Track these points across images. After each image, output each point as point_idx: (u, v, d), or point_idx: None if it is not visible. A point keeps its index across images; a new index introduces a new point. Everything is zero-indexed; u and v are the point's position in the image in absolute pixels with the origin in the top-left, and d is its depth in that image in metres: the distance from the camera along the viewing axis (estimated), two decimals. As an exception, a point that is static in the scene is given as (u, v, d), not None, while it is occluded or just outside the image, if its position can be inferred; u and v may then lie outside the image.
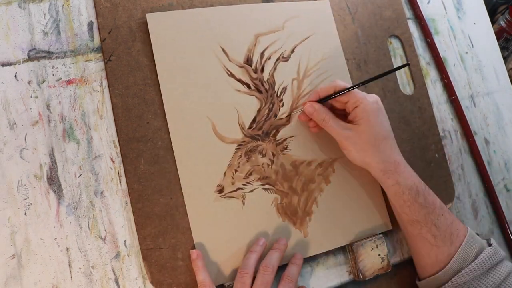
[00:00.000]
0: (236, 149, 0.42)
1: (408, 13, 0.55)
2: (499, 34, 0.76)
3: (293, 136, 0.44)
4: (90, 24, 0.41)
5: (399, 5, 0.53)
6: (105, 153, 0.39)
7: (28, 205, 0.36)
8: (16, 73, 0.38)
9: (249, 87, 0.43)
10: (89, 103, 0.40)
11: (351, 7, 0.50)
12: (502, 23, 0.76)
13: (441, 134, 0.52)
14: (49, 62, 0.39)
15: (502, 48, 0.78)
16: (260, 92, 0.43)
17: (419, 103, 0.51)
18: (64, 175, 0.38)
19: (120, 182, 0.39)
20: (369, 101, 0.41)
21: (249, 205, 0.41)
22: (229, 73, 0.43)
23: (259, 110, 0.43)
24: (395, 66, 0.51)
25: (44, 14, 0.40)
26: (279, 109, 0.44)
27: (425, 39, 0.55)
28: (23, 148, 0.37)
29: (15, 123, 0.37)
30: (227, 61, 0.43)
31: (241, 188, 0.41)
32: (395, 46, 0.53)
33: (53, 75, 0.39)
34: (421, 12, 0.55)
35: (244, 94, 0.43)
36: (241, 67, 0.43)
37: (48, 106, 0.38)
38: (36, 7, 0.40)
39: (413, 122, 0.50)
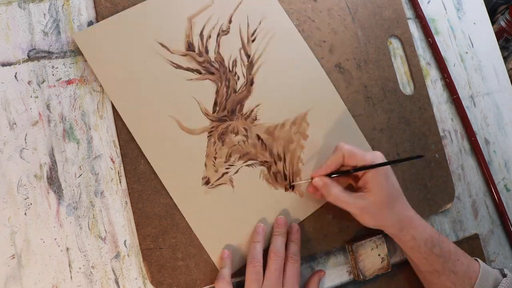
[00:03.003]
0: (208, 137, 0.41)
1: (408, 13, 0.55)
2: (499, 34, 0.76)
3: (258, 105, 0.44)
4: (90, 24, 0.41)
5: (399, 5, 0.53)
6: (105, 153, 0.39)
7: (28, 205, 0.36)
8: (16, 73, 0.38)
9: (199, 72, 0.42)
10: (89, 103, 0.39)
11: (351, 7, 0.50)
12: (502, 23, 0.76)
13: (441, 134, 0.52)
14: (49, 62, 0.39)
15: (502, 48, 0.78)
16: (212, 73, 0.43)
17: (419, 103, 0.51)
18: (64, 175, 0.38)
19: (120, 182, 0.39)
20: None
21: (239, 186, 0.41)
22: (175, 65, 0.41)
23: (217, 92, 0.42)
24: (394, 65, 0.52)
25: (44, 14, 0.40)
26: (236, 83, 0.43)
27: (426, 39, 0.55)
28: (23, 148, 0.37)
29: (15, 123, 0.37)
30: (169, 55, 0.41)
31: (226, 173, 0.41)
32: (395, 46, 0.53)
33: (53, 75, 0.39)
34: (422, 12, 0.55)
35: (197, 81, 0.42)
36: (184, 55, 0.42)
37: (48, 106, 0.38)
38: (36, 7, 0.40)
39: (413, 122, 0.50)
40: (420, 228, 0.41)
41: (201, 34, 0.43)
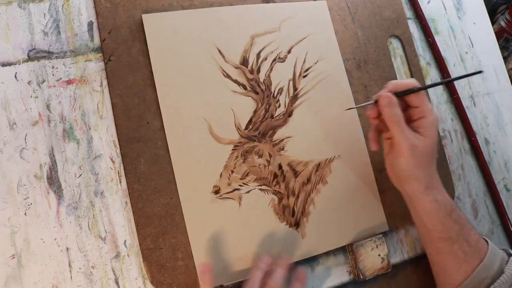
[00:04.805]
0: (232, 150, 0.42)
1: (408, 13, 0.55)
2: (499, 34, 0.76)
3: (290, 137, 0.44)
4: (90, 24, 0.41)
5: (399, 5, 0.53)
6: (105, 153, 0.39)
7: (28, 205, 0.36)
8: (16, 73, 0.38)
9: (245, 88, 0.43)
10: (89, 103, 0.39)
11: (351, 7, 0.50)
12: (502, 23, 0.76)
13: (441, 134, 0.52)
14: (49, 62, 0.39)
15: (502, 48, 0.78)
16: (256, 93, 0.43)
17: (419, 103, 0.51)
18: (64, 175, 0.38)
19: (120, 182, 0.39)
20: (436, 115, 0.40)
21: (245, 206, 0.41)
22: (225, 74, 0.43)
23: (255, 111, 0.43)
24: (394, 65, 0.52)
25: (44, 14, 0.40)
26: (276, 110, 0.44)
27: (426, 39, 0.55)
28: (23, 148, 0.37)
29: (15, 123, 0.37)
30: (223, 62, 0.43)
31: (238, 189, 0.41)
32: (395, 46, 0.53)
33: (53, 75, 0.39)
34: (422, 12, 0.55)
35: (240, 95, 0.43)
36: (237, 68, 0.43)
37: (48, 106, 0.38)
38: (36, 7, 0.40)
39: (413, 122, 0.50)
40: (442, 191, 0.41)
41: (258, 54, 0.44)
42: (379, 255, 0.43)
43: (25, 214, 0.36)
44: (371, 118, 0.41)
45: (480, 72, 0.41)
